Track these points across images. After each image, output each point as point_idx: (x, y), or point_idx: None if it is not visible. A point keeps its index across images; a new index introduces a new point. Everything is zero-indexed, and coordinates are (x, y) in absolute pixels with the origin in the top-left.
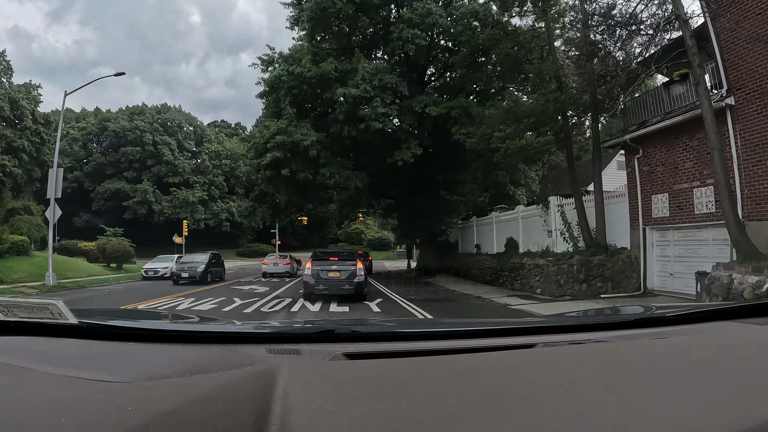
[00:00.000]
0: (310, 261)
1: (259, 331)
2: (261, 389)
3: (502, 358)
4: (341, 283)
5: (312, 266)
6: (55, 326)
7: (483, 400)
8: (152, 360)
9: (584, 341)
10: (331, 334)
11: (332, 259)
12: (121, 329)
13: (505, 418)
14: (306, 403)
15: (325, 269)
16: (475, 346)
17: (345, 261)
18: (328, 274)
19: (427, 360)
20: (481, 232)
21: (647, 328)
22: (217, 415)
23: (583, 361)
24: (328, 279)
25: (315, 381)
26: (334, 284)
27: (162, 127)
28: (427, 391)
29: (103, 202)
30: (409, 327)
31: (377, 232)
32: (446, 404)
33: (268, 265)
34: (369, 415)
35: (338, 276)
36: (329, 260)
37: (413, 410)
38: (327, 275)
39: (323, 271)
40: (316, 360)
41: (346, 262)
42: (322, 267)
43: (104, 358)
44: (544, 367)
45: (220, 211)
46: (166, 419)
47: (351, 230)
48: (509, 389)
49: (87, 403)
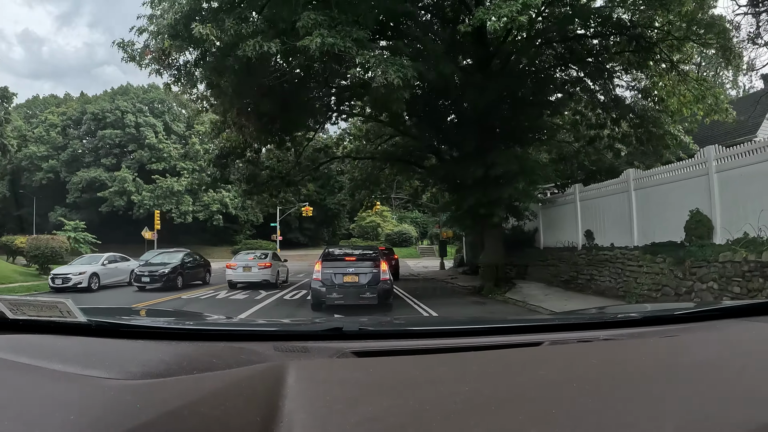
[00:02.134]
0: (319, 262)
1: (267, 329)
2: (269, 387)
3: (509, 356)
4: (361, 290)
5: (322, 269)
6: (64, 324)
7: (491, 398)
8: (160, 357)
9: (591, 339)
10: (339, 332)
11: (348, 259)
12: (130, 327)
13: (513, 416)
14: (314, 400)
15: (339, 272)
16: (482, 343)
17: (365, 261)
18: (344, 278)
19: (434, 358)
20: (597, 210)
21: (655, 326)
22: (225, 413)
23: (591, 359)
24: (343, 285)
25: (323, 378)
26: (352, 292)
27: (147, 107)
28: (434, 389)
29: (78, 194)
30: (417, 325)
31: (396, 226)
32: (454, 402)
33: (236, 270)
34: (377, 412)
35: (356, 281)
36: (344, 260)
37: (421, 408)
38: (342, 280)
39: (337, 275)
40: (323, 358)
41: (367, 263)
42: (335, 269)
43: (113, 356)
44: (551, 364)
45: (211, 202)
46: (175, 416)
47: (366, 224)
48: (517, 387)
49: (95, 401)
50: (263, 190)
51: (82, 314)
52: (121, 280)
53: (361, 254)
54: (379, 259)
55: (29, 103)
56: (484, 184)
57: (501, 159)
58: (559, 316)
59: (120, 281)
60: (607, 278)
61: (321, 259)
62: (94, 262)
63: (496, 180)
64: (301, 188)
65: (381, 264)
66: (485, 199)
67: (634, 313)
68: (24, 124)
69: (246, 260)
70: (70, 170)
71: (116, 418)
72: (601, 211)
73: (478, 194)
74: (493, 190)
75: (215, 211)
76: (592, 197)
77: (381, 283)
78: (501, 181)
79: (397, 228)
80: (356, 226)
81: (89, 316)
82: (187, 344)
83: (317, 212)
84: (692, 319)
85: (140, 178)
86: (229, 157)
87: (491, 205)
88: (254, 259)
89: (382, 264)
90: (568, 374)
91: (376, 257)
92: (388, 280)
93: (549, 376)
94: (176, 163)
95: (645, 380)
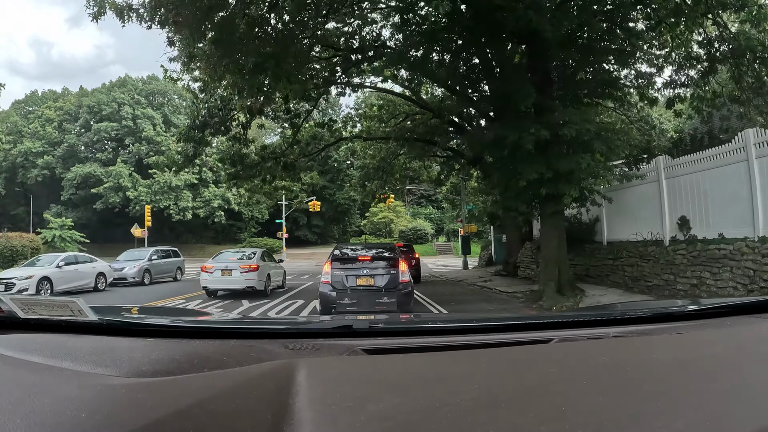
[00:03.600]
0: (328, 262)
1: (277, 327)
2: (279, 384)
3: (519, 353)
4: (377, 295)
5: (332, 270)
6: (75, 323)
7: (501, 395)
8: (171, 356)
9: (601, 336)
10: (349, 329)
11: (362, 259)
12: (141, 325)
13: (523, 414)
14: (324, 398)
15: (352, 274)
16: (492, 340)
17: (381, 260)
18: (357, 281)
19: (444, 355)
20: (693, 190)
21: (665, 323)
22: (235, 410)
23: (600, 356)
24: (356, 289)
25: (333, 376)
26: (367, 297)
27: (145, 99)
28: (444, 387)
29: (73, 191)
30: (427, 322)
31: (410, 222)
32: (464, 399)
33: (212, 274)
34: (387, 410)
35: (372, 284)
36: (358, 260)
37: (431, 405)
38: (355, 283)
39: (349, 277)
40: (333, 355)
41: (383, 262)
42: (347, 271)
43: (124, 355)
44: (561, 362)
45: (212, 197)
46: (185, 414)
47: (378, 220)
48: (526, 384)
49: (107, 399)
50: (254, 174)
51: (93, 313)
52: (82, 285)
53: (377, 253)
54: (398, 259)
55: (28, 99)
56: (547, 154)
57: (574, 118)
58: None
59: (81, 286)
60: (730, 282)
61: (330, 259)
62: (47, 263)
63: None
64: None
65: (400, 264)
66: (549, 173)
67: (643, 310)
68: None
69: (226, 261)
70: (66, 166)
71: (127, 416)
72: (701, 190)
73: (540, 166)
74: (562, 160)
75: (216, 207)
76: (684, 172)
77: (400, 287)
78: (570, 150)
79: (412, 224)
80: (368, 222)
81: (100, 315)
82: (198, 342)
83: (326, 208)
84: (703, 315)
85: (138, 173)
86: (206, 129)
87: (557, 182)
88: (236, 260)
89: (401, 264)
90: (578, 371)
91: (394, 256)
92: (409, 282)
93: (559, 374)
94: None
95: (655, 377)
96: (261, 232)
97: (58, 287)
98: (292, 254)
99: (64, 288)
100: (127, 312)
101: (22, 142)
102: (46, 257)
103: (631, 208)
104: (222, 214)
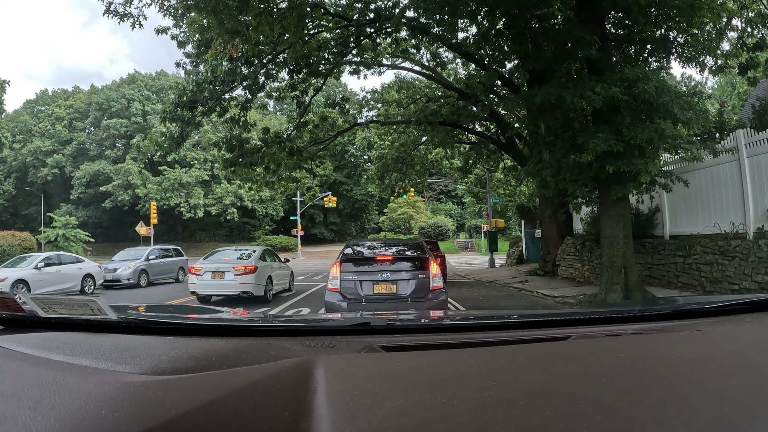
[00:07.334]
0: (337, 263)
1: (296, 325)
2: (297, 381)
3: (536, 350)
4: (401, 306)
5: (341, 274)
6: (95, 322)
7: (518, 393)
8: (190, 353)
9: (620, 333)
10: (367, 326)
11: (382, 259)
12: (160, 324)
13: (541, 411)
14: (341, 395)
15: (368, 279)
16: (509, 338)
17: (406, 261)
18: (375, 288)
19: (462, 352)
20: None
21: (684, 320)
22: (253, 408)
23: (619, 353)
24: (374, 298)
25: (350, 373)
26: (388, 309)
27: (155, 95)
28: (462, 384)
29: (82, 189)
30: (445, 319)
31: (430, 218)
32: (481, 396)
33: (202, 278)
34: (404, 407)
35: (394, 291)
36: (376, 261)
37: (448, 402)
38: (372, 291)
39: (364, 283)
40: (351, 352)
41: (409, 264)
42: (362, 275)
43: (143, 352)
44: (579, 359)
45: (225, 194)
46: (204, 411)
47: (397, 216)
48: (544, 381)
49: (127, 396)
50: (255, 161)
51: (112, 312)
52: (66, 288)
53: (400, 252)
54: (428, 259)
55: (39, 98)
56: (615, 122)
57: (648, 73)
58: (586, 311)
59: (64, 289)
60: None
61: (340, 260)
62: (25, 264)
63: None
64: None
65: (431, 265)
66: (620, 145)
67: (662, 307)
68: (30, 119)
69: (218, 262)
70: (75, 164)
71: (147, 413)
72: None
73: (608, 136)
74: (637, 127)
75: (229, 204)
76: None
77: (431, 295)
78: (643, 117)
79: (432, 220)
80: (386, 218)
81: (119, 314)
82: (216, 340)
83: (343, 204)
84: (722, 312)
85: (147, 170)
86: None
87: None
88: (229, 261)
89: (432, 265)
90: (596, 368)
91: (422, 256)
92: (442, 290)
93: (577, 371)
94: (186, 153)
95: (674, 375)
96: (276, 229)
97: (36, 290)
98: (308, 252)
99: (42, 291)
100: (146, 310)
101: (32, 141)
102: (31, 257)
103: (701, 195)
104: (235, 212)
